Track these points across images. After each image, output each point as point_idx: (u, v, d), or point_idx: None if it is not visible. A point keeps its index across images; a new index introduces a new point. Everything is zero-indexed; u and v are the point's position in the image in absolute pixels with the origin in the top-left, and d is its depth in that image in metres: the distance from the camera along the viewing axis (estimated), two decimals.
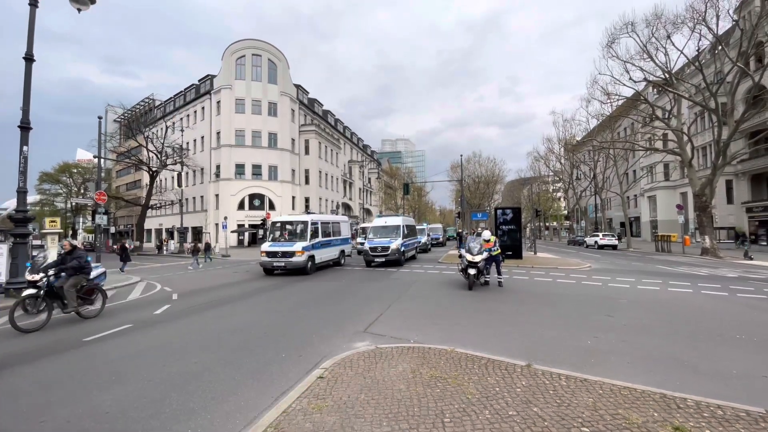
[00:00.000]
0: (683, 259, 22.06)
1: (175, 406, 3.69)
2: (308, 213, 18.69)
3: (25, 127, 10.14)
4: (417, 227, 28.95)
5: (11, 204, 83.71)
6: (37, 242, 27.20)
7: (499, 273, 11.42)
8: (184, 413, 3.53)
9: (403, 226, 19.11)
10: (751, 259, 20.22)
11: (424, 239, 28.67)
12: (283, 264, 14.69)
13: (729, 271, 15.39)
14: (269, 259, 14.97)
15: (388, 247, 17.20)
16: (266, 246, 15.47)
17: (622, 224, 43.41)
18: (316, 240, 15.89)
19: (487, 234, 11.14)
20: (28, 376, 4.65)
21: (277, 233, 16.58)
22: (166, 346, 5.84)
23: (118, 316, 8.12)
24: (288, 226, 16.80)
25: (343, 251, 18.91)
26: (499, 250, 11.67)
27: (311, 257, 15.25)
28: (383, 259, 17.10)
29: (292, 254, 14.66)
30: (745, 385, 4.07)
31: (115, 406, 3.71)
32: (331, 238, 17.65)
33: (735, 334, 6.08)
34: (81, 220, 65.42)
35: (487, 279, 11.17)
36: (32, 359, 5.26)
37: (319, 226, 16.46)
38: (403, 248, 17.82)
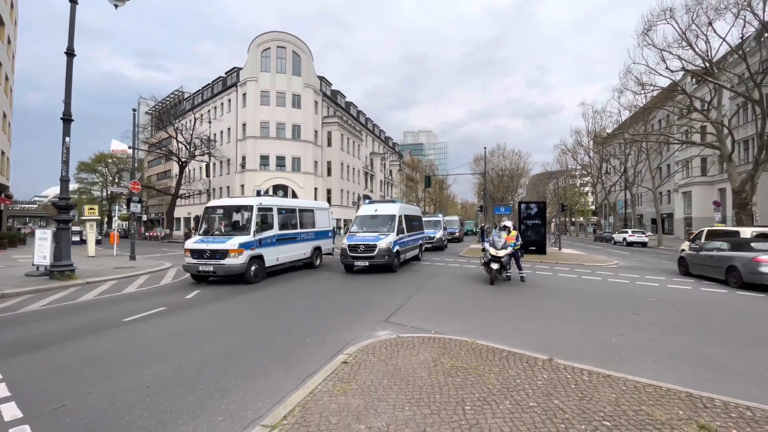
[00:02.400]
0: None
1: (209, 383, 3.93)
2: (259, 195, 12.73)
3: (67, 119, 10.71)
4: (429, 219, 25.11)
5: (51, 192, 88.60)
6: (76, 228, 28.85)
7: (519, 268, 11.31)
8: (218, 390, 3.76)
9: (400, 217, 14.19)
10: None
11: (438, 233, 23.59)
12: (211, 268, 10.21)
13: None
14: (194, 261, 10.39)
15: (375, 246, 12.41)
16: (191, 242, 10.78)
17: (654, 221, 41.76)
18: (269, 233, 11.48)
19: (509, 223, 11.31)
20: (75, 351, 5.02)
21: (214, 223, 12.10)
22: (198, 328, 6.16)
23: (152, 299, 8.57)
24: (228, 214, 12.31)
25: (317, 248, 14.69)
26: (519, 245, 11.53)
27: (256, 258, 10.83)
28: (366, 263, 12.57)
29: (224, 254, 10.13)
30: None
31: (155, 381, 3.98)
32: (298, 230, 13.44)
33: None
34: (117, 207, 68.87)
35: (509, 274, 11.08)
36: (78, 336, 5.67)
37: (274, 213, 11.99)
38: (396, 247, 13.07)
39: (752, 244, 10.46)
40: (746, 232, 12.35)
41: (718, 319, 6.94)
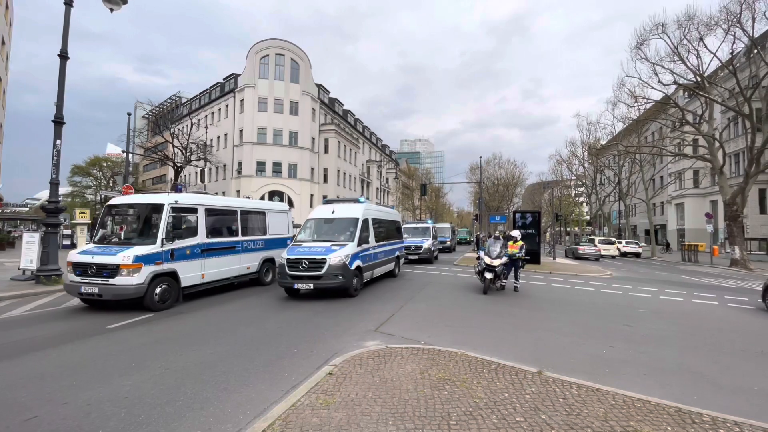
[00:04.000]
0: (710, 269, 21.19)
1: (189, 394, 3.82)
2: (179, 192, 9.79)
3: (58, 122, 10.62)
4: (416, 225, 22.46)
5: (43, 195, 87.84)
6: (67, 232, 28.48)
7: (516, 278, 11.25)
8: (198, 401, 3.65)
9: (365, 221, 10.86)
10: None
11: (426, 243, 19.58)
12: (96, 290, 7.37)
13: (758, 284, 14.67)
14: (77, 280, 7.58)
15: (323, 262, 9.07)
16: (75, 253, 7.92)
17: (647, 231, 42.01)
18: (188, 242, 8.60)
19: (516, 233, 11.34)
20: (55, 359, 4.89)
21: (115, 228, 9.01)
22: (184, 336, 6.04)
23: (140, 305, 8.42)
24: (132, 215, 9.03)
25: (269, 261, 11.70)
26: (522, 256, 11.36)
27: (164, 276, 7.93)
28: (311, 285, 9.01)
29: (114, 271, 7.35)
30: (766, 403, 3.91)
31: (133, 391, 3.87)
32: (240, 238, 10.51)
33: (760, 349, 5.84)
34: None
35: (504, 284, 11.00)
36: (59, 343, 5.52)
37: (199, 215, 9.07)
38: (356, 263, 9.81)
39: None
40: None
41: (709, 331, 6.92)
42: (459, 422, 3.16)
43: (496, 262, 10.29)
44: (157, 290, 7.83)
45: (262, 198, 39.47)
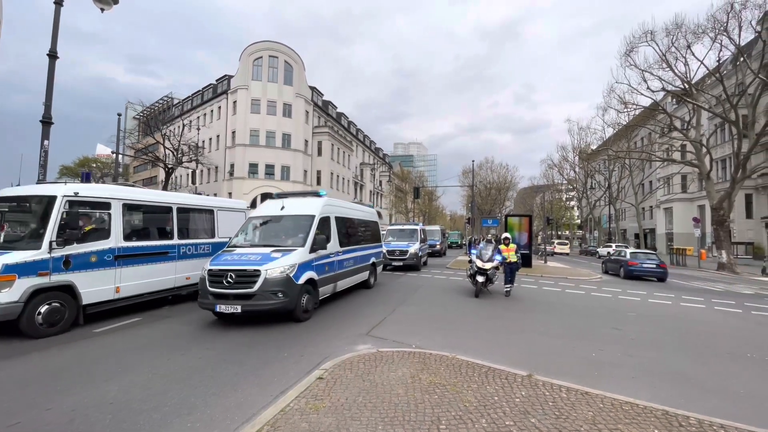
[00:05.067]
0: (698, 273, 21.52)
1: (176, 399, 3.76)
2: (86, 181, 8.21)
3: (46, 122, 10.45)
4: (402, 227, 19.91)
5: None
6: None
7: (511, 282, 10.90)
8: (185, 407, 3.60)
9: (323, 221, 8.52)
10: None
11: (413, 247, 17.14)
12: None
13: (745, 288, 14.98)
14: None
15: (257, 274, 6.69)
16: None
17: (637, 235, 42.57)
18: (94, 246, 6.80)
19: (509, 236, 11.53)
20: (39, 363, 4.79)
21: None
22: (171, 339, 5.96)
23: (129, 309, 8.29)
24: (17, 211, 7.09)
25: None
26: (515, 259, 10.89)
27: (52, 291, 6.14)
28: (238, 308, 6.54)
29: None
30: (752, 405, 3.97)
31: (119, 396, 3.80)
32: (174, 241, 8.64)
33: (746, 352, 5.93)
34: None
35: (508, 288, 10.71)
36: (44, 347, 5.41)
37: (113, 211, 7.26)
38: (307, 275, 7.36)
39: None
40: None
41: (696, 335, 7.01)
42: (449, 427, 3.16)
43: (488, 266, 10.32)
44: (42, 310, 5.90)
45: (254, 201, 39.17)
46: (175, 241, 8.73)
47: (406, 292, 10.96)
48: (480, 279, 10.32)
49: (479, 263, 10.37)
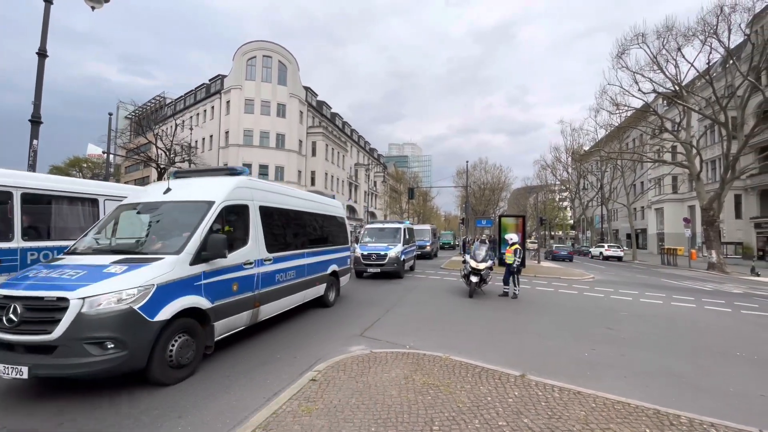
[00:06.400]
0: (689, 273, 21.79)
1: (167, 402, 3.71)
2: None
3: (35, 122, 10.29)
4: (384, 226, 16.80)
5: None
6: None
7: (506, 283, 10.71)
8: (176, 410, 3.55)
9: (231, 211, 5.45)
10: (758, 275, 19.92)
11: (394, 250, 14.19)
12: None
13: (734, 287, 15.18)
14: None
15: (63, 309, 3.59)
16: None
17: (629, 236, 43.00)
18: None
19: (513, 237, 10.74)
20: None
21: None
22: None
23: None
24: None
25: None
26: (511, 261, 10.48)
27: None
28: (23, 373, 3.43)
29: None
30: (741, 404, 4.02)
31: (108, 400, 3.74)
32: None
33: (736, 351, 6.00)
34: None
35: (516, 292, 10.50)
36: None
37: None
38: (187, 299, 4.32)
39: None
40: None
41: (687, 334, 7.09)
42: (442, 428, 3.15)
43: (482, 266, 10.35)
44: None
45: None
46: (16, 243, 5.57)
47: (400, 293, 10.95)
48: (474, 279, 10.34)
49: (473, 263, 10.39)
